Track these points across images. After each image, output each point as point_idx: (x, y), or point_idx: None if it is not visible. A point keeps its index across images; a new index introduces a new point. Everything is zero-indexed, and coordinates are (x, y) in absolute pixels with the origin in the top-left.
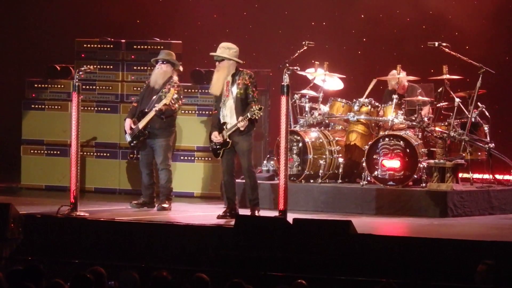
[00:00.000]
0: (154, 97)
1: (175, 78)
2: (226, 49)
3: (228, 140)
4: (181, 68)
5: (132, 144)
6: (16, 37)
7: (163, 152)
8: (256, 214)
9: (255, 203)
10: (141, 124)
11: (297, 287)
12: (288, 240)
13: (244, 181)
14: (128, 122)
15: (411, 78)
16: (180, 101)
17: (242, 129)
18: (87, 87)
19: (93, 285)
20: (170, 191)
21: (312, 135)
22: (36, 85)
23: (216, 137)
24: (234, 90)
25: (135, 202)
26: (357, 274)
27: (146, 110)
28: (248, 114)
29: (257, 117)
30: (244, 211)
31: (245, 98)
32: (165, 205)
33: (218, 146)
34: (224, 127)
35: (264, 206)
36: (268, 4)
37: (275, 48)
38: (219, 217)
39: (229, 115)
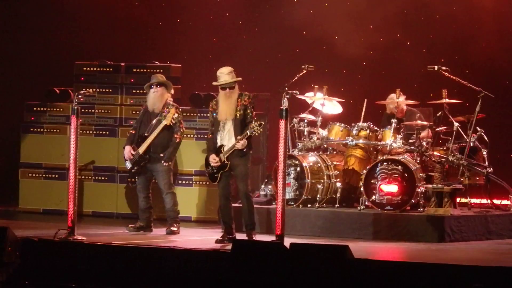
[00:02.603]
0: (154, 121)
1: (170, 99)
2: (230, 74)
3: (226, 162)
4: (172, 92)
5: (133, 171)
6: (15, 60)
7: (166, 176)
8: (253, 238)
9: (251, 227)
10: (141, 149)
11: None
12: (285, 265)
13: (239, 205)
14: (127, 149)
15: (410, 102)
16: (182, 124)
17: (240, 147)
18: (86, 110)
19: None
20: (177, 214)
21: (310, 159)
22: (35, 108)
23: (214, 159)
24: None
25: (132, 226)
26: None
27: (145, 135)
28: (248, 131)
29: (257, 134)
30: (240, 235)
31: (243, 120)
32: (174, 228)
33: (215, 170)
34: (221, 149)
35: (261, 231)
36: (268, 27)
37: (274, 71)
38: (217, 241)
39: (227, 138)
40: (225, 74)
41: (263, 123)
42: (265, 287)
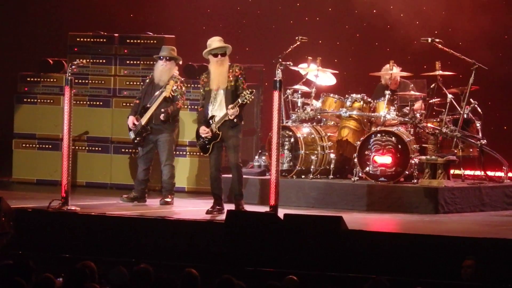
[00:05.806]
0: (157, 92)
1: (176, 73)
2: (221, 41)
3: (218, 132)
4: (180, 62)
5: (135, 141)
6: (9, 30)
7: (168, 147)
8: (241, 207)
9: (240, 197)
10: (143, 120)
11: (287, 283)
12: (278, 236)
13: (229, 176)
14: (131, 119)
15: (404, 74)
16: (183, 96)
17: (231, 117)
18: (80, 81)
19: (88, 279)
20: (173, 186)
21: (304, 130)
22: (28, 79)
23: (204, 130)
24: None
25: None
26: (348, 270)
27: (148, 106)
28: (239, 99)
29: (248, 102)
30: (230, 206)
31: (235, 90)
32: (168, 200)
33: (207, 141)
34: (212, 120)
35: (255, 202)
36: None
37: (268, 43)
38: (207, 212)
39: (218, 109)
40: (216, 41)
41: (254, 91)
42: (258, 258)
